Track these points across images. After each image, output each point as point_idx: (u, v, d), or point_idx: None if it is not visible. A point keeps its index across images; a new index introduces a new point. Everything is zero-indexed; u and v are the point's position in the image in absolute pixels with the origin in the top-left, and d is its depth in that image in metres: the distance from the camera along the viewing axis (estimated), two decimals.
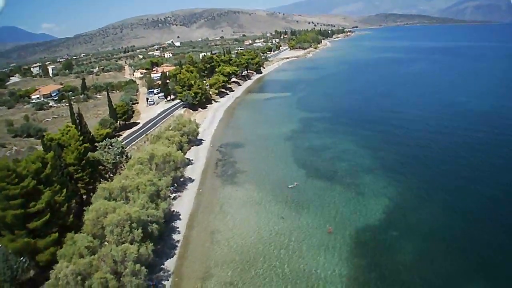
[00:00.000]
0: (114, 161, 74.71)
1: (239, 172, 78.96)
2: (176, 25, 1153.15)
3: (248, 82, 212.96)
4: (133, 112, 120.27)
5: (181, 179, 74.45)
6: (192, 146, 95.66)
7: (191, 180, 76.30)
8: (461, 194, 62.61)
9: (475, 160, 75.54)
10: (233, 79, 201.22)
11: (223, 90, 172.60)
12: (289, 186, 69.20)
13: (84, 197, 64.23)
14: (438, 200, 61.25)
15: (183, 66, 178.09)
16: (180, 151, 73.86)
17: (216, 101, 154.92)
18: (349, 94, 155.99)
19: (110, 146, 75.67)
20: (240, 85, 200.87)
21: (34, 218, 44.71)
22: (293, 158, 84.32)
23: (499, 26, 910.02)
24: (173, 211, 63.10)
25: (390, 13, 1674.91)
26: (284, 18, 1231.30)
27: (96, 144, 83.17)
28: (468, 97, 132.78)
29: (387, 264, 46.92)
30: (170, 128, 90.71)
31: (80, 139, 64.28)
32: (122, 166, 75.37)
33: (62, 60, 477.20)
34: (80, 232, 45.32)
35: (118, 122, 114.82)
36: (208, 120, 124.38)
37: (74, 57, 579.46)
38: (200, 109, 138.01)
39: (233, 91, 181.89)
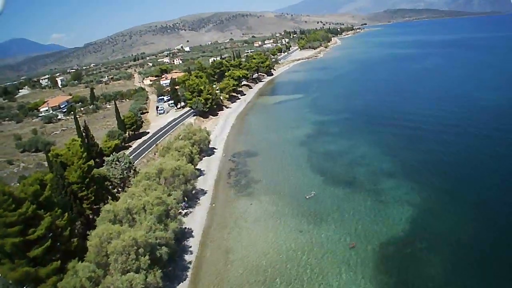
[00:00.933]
0: (121, 176, 71.52)
1: (253, 182, 75.06)
2: (185, 30, 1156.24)
3: (260, 85, 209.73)
4: (142, 122, 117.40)
5: (193, 192, 70.95)
6: (204, 155, 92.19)
7: (203, 192, 72.80)
8: (488, 200, 57.81)
9: (503, 164, 70.21)
10: (244, 82, 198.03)
11: (234, 94, 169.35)
12: (306, 196, 65.01)
13: (91, 216, 61.20)
14: (464, 207, 56.54)
15: (192, 72, 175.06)
16: (190, 164, 70.15)
17: (227, 107, 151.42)
18: (363, 94, 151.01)
19: (117, 162, 72.43)
20: (252, 88, 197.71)
21: (34, 245, 41.70)
22: (308, 165, 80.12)
23: (509, 17, 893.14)
24: (185, 228, 59.56)
25: (399, 9, 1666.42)
26: (292, 19, 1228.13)
27: (104, 158, 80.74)
28: (487, 92, 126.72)
29: (414, 280, 42.86)
30: (180, 138, 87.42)
31: (84, 156, 61.00)
32: (130, 181, 72.15)
33: (72, 71, 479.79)
34: (84, 259, 42.09)
35: (127, 132, 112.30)
36: (220, 127, 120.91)
37: (84, 67, 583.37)
38: (211, 116, 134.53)
39: (245, 94, 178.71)
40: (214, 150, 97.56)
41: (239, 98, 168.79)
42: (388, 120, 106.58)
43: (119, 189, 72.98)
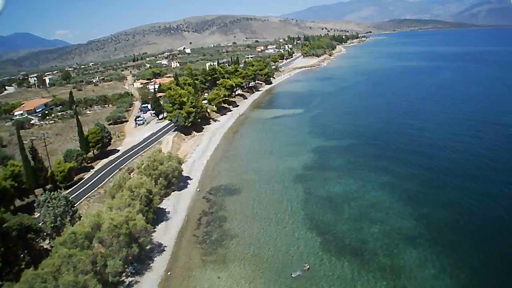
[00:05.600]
0: (53, 224, 53.32)
1: (227, 237, 56.18)
2: (188, 32, 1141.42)
3: (256, 95, 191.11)
4: (110, 139, 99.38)
5: (147, 248, 52.97)
6: (174, 189, 73.82)
7: (160, 249, 54.37)
8: None
9: None
10: (239, 92, 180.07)
11: (226, 105, 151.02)
12: (295, 275, 45.81)
13: None
14: None
15: (179, 79, 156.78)
16: (141, 216, 51.42)
17: (215, 120, 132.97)
18: (371, 113, 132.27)
19: (48, 203, 54.33)
20: (246, 98, 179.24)
21: None
22: (303, 215, 60.95)
23: None
24: None
25: (404, 19, 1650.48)
26: (297, 24, 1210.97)
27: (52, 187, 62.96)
28: None
29: None
30: (142, 167, 69.31)
31: None
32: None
33: (70, 69, 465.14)
34: None
35: (93, 151, 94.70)
36: (202, 148, 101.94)
37: (82, 66, 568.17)
38: (194, 132, 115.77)
39: (238, 106, 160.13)
40: (188, 181, 78.74)
41: (230, 110, 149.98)
42: (404, 151, 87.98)
43: (53, 237, 54.98)
